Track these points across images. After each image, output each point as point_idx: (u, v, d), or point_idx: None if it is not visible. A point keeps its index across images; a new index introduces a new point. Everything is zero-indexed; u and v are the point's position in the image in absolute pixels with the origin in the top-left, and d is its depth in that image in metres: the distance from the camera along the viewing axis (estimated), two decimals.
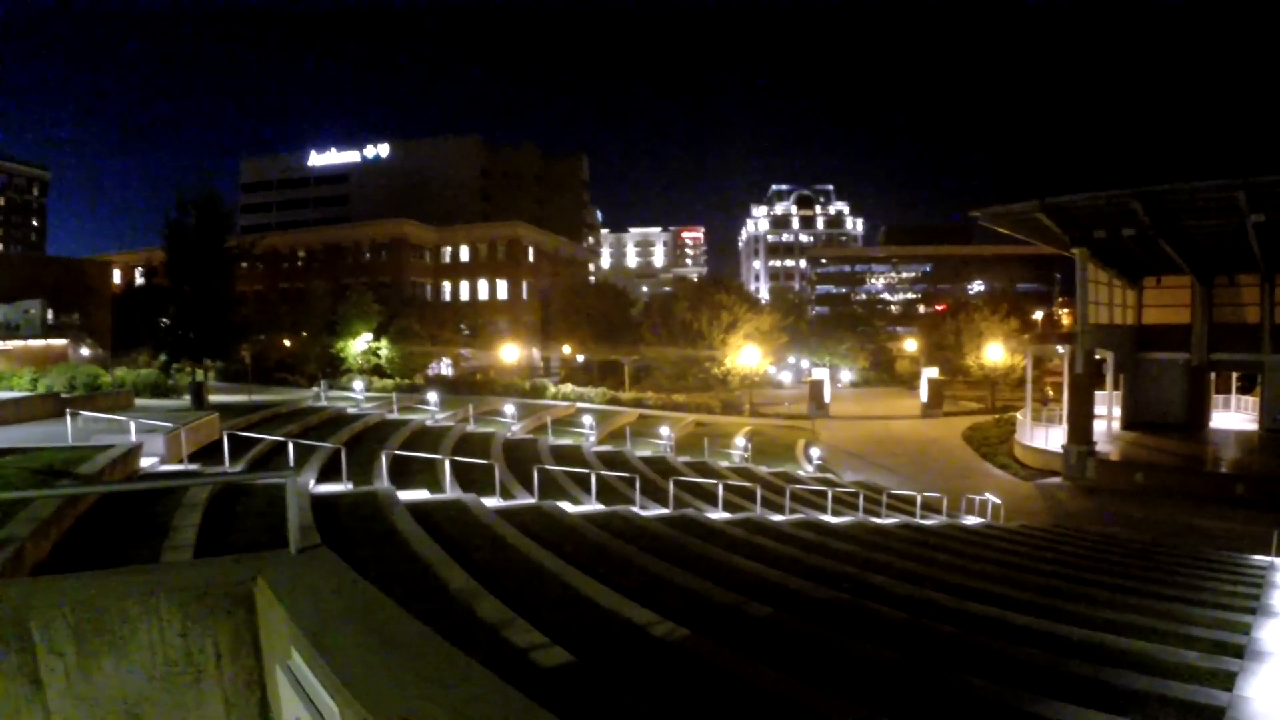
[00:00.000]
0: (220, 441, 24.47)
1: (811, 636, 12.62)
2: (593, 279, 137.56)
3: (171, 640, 5.03)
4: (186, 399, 40.49)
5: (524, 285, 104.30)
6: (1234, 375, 68.31)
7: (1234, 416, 66.23)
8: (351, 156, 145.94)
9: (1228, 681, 12.22)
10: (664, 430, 49.21)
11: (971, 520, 34.78)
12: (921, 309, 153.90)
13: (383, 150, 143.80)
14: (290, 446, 23.13)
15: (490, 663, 9.49)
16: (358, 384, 56.88)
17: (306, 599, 4.92)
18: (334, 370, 71.76)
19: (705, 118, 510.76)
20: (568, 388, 70.01)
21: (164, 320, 42.36)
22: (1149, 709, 10.73)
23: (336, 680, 3.94)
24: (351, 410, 42.79)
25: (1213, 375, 64.03)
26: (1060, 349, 57.50)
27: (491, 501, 21.99)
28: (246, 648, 5.21)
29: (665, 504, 26.60)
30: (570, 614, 12.47)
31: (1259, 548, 29.31)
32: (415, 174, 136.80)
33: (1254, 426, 60.91)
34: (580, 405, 61.79)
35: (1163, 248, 52.72)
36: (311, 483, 21.50)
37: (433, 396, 49.21)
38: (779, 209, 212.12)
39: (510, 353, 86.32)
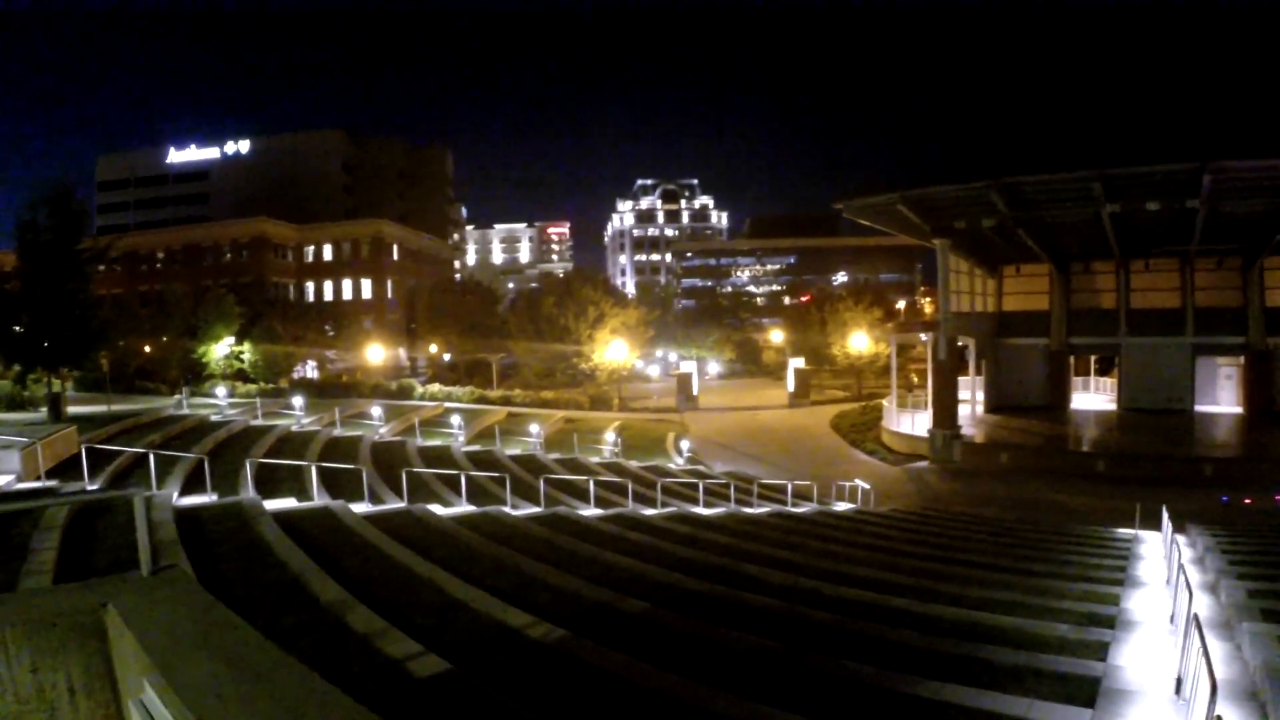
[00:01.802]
0: (79, 455, 23.30)
1: (690, 630, 12.51)
2: (458, 276, 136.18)
3: (22, 676, 4.60)
4: (44, 411, 38.62)
5: (389, 284, 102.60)
6: (1092, 358, 71.01)
7: (1093, 397, 68.86)
8: (212, 153, 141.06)
9: (1100, 651, 12.51)
10: (533, 428, 48.86)
11: (842, 506, 35.20)
12: (787, 300, 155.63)
13: (243, 146, 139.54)
14: (152, 458, 22.12)
15: (365, 675, 9.17)
16: (220, 390, 55.10)
17: (158, 626, 4.53)
18: (196, 376, 69.51)
19: (571, 112, 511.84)
20: (435, 387, 69.22)
21: (16, 328, 40.24)
22: (1026, 682, 10.87)
23: (189, 715, 3.57)
24: (215, 418, 41.47)
25: (1072, 359, 66.55)
26: (923, 337, 58.87)
27: (360, 507, 21.42)
28: (101, 681, 4.78)
29: (537, 502, 26.31)
30: (445, 620, 12.17)
31: (1122, 521, 30.42)
32: (277, 170, 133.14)
33: (1113, 406, 63.73)
34: (448, 405, 61.08)
35: (1022, 237, 54.46)
36: (175, 495, 20.60)
37: (298, 400, 47.96)
38: (644, 203, 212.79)
39: (376, 353, 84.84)
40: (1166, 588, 17.33)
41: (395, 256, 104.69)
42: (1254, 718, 10.26)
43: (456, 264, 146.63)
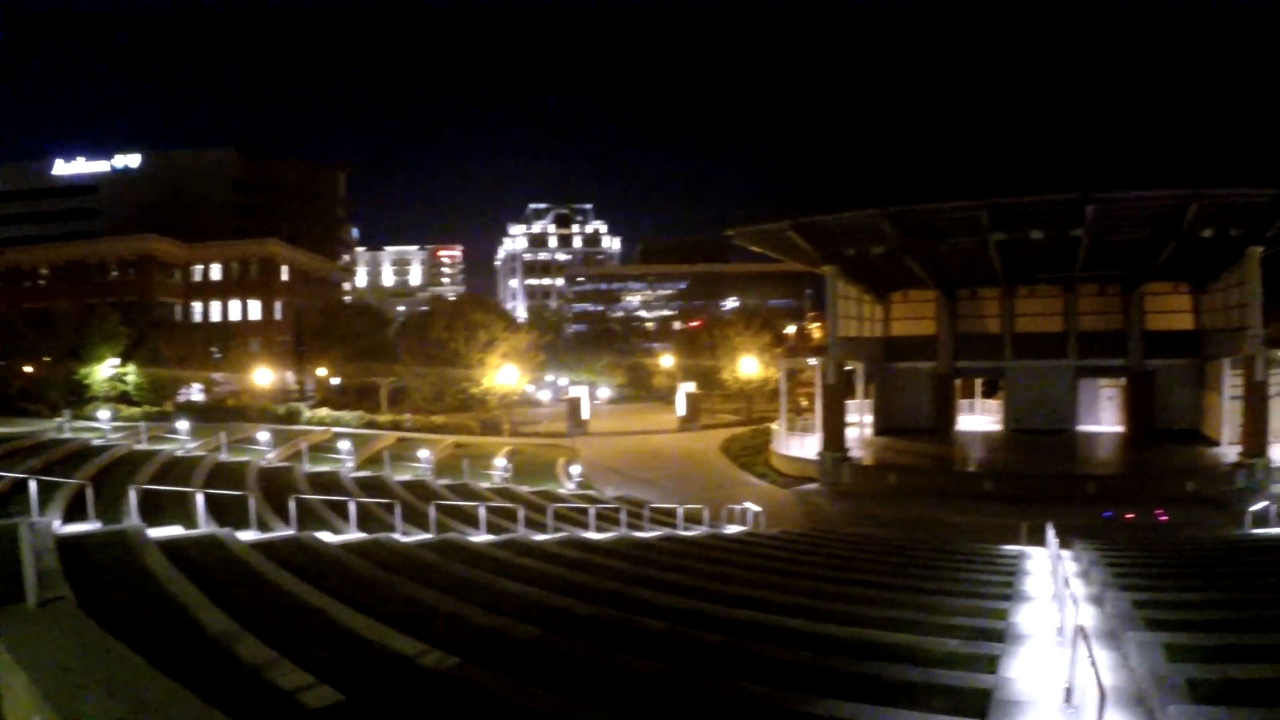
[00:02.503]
0: None
1: (583, 655, 12.42)
2: (348, 298, 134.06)
3: None
4: None
5: (277, 305, 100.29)
6: (978, 381, 72.89)
7: (979, 419, 70.51)
8: (101, 166, 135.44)
9: (991, 665, 12.74)
10: (423, 453, 48.36)
11: (733, 529, 35.36)
12: (678, 325, 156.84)
13: (133, 161, 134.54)
14: (33, 484, 21.25)
15: (256, 708, 8.84)
16: (104, 413, 53.20)
17: (48, 662, 4.29)
18: (79, 398, 67.20)
19: (465, 134, 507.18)
20: (323, 412, 67.88)
21: None
22: (918, 698, 10.97)
23: None
24: (98, 442, 40.00)
25: (958, 381, 68.21)
26: (812, 361, 59.72)
27: (248, 535, 20.84)
28: None
29: (427, 529, 25.95)
30: (336, 650, 11.89)
31: (1008, 538, 31.15)
32: (169, 187, 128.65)
33: (998, 427, 65.51)
34: (336, 430, 60.03)
35: (910, 264, 55.74)
36: (57, 523, 19.78)
37: (183, 425, 46.69)
38: (537, 227, 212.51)
39: (264, 376, 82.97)
40: (1053, 601, 17.69)
41: (285, 277, 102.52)
42: None
43: (346, 286, 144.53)
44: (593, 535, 28.77)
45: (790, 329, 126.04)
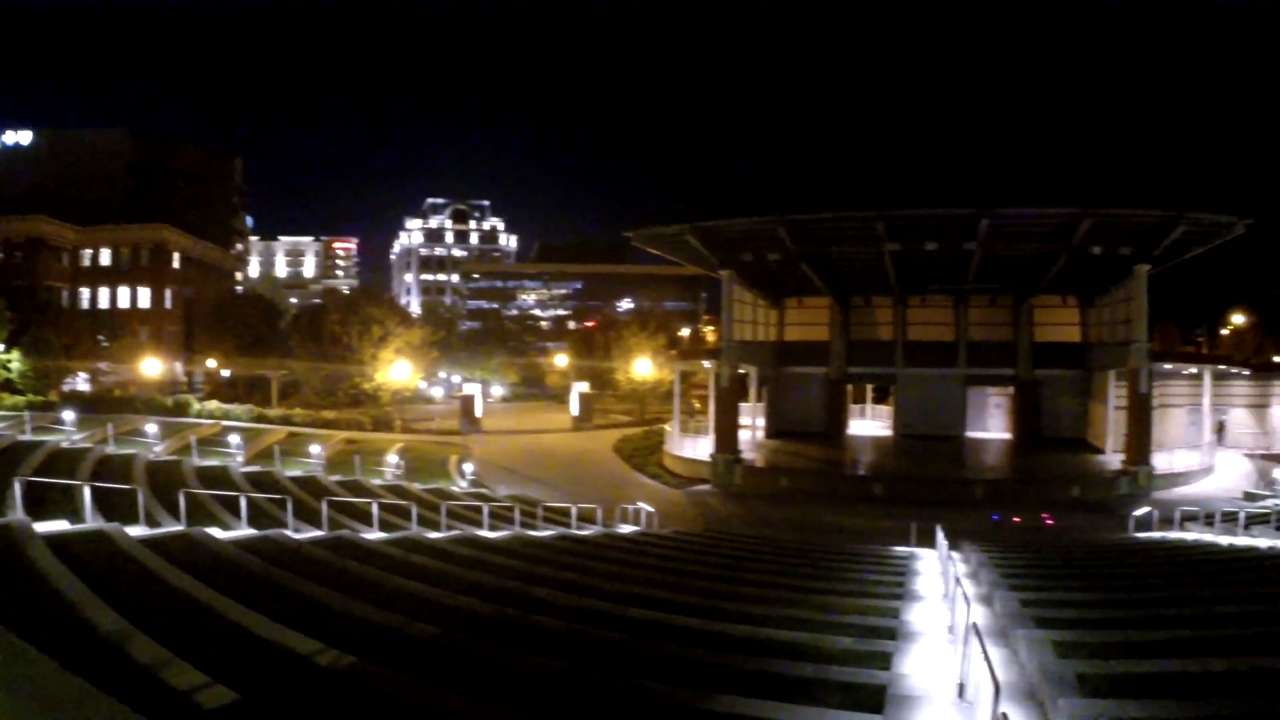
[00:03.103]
0: None
1: (481, 654, 12.37)
2: (240, 289, 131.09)
3: None
4: None
5: (168, 294, 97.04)
6: (869, 387, 74.22)
7: (870, 424, 72.17)
8: None
9: (884, 661, 12.98)
10: (315, 448, 47.62)
11: (627, 529, 35.41)
12: (573, 325, 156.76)
13: (24, 138, 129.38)
14: None
15: (151, 709, 8.60)
16: None
17: None
18: None
19: (363, 125, 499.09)
20: (213, 405, 66.25)
21: None
22: (815, 693, 11.12)
23: None
24: None
25: (850, 387, 69.44)
26: (706, 364, 60.48)
27: (137, 531, 20.22)
28: None
29: (320, 526, 25.50)
30: (230, 649, 11.62)
31: (899, 540, 31.78)
32: (59, 167, 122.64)
33: (889, 433, 66.77)
34: (226, 423, 58.80)
35: (806, 271, 56.58)
36: None
37: (69, 415, 45.54)
38: (434, 222, 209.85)
39: (153, 367, 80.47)
40: (944, 600, 18.11)
41: (176, 265, 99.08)
42: (1033, 715, 10.88)
43: (239, 276, 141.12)
44: (487, 534, 28.60)
45: (685, 332, 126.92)
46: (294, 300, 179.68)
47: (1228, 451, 61.11)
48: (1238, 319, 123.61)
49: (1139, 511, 38.10)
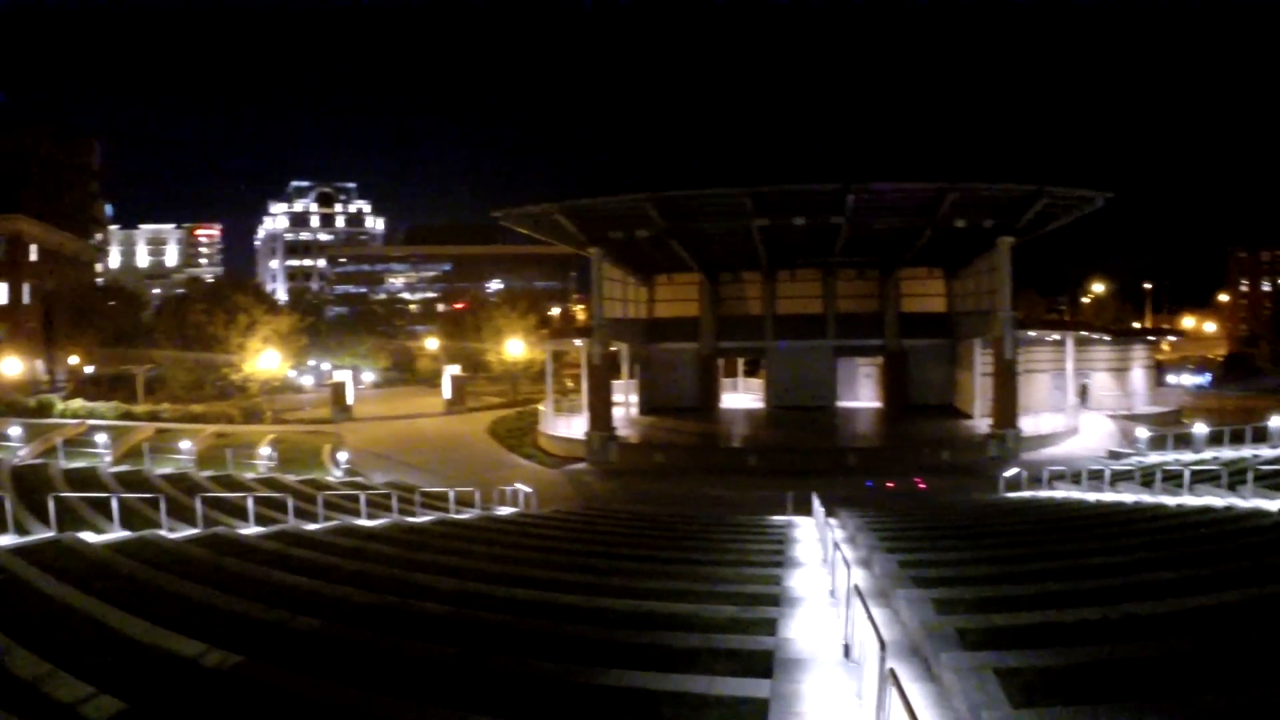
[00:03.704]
0: None
1: (367, 643, 12.26)
2: (101, 281, 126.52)
3: None
4: None
5: (25, 288, 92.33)
6: (740, 361, 75.12)
7: (742, 397, 73.09)
8: None
9: (770, 627, 13.23)
10: (184, 444, 46.41)
11: (505, 510, 35.35)
12: (443, 308, 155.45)
13: None
14: None
15: None
16: None
17: None
18: None
19: (225, 109, 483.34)
20: (78, 403, 63.84)
21: None
22: (703, 662, 11.27)
23: None
24: None
25: (721, 361, 70.16)
26: (578, 342, 60.54)
27: (5, 539, 19.43)
28: None
29: (195, 524, 24.79)
30: (114, 657, 11.27)
31: (777, 510, 32.49)
32: None
33: (761, 405, 67.69)
34: (92, 422, 56.67)
35: (675, 248, 56.88)
36: None
37: None
38: (299, 206, 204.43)
39: (12, 366, 77.18)
40: (823, 566, 18.50)
41: (34, 257, 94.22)
42: (918, 670, 11.21)
43: (99, 267, 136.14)
44: (365, 522, 28.22)
45: (556, 311, 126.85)
46: (157, 291, 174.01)
47: (1091, 413, 63.63)
48: (1098, 287, 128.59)
49: (1008, 473, 39.54)
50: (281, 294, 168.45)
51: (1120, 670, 9.98)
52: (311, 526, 26.07)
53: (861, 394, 69.36)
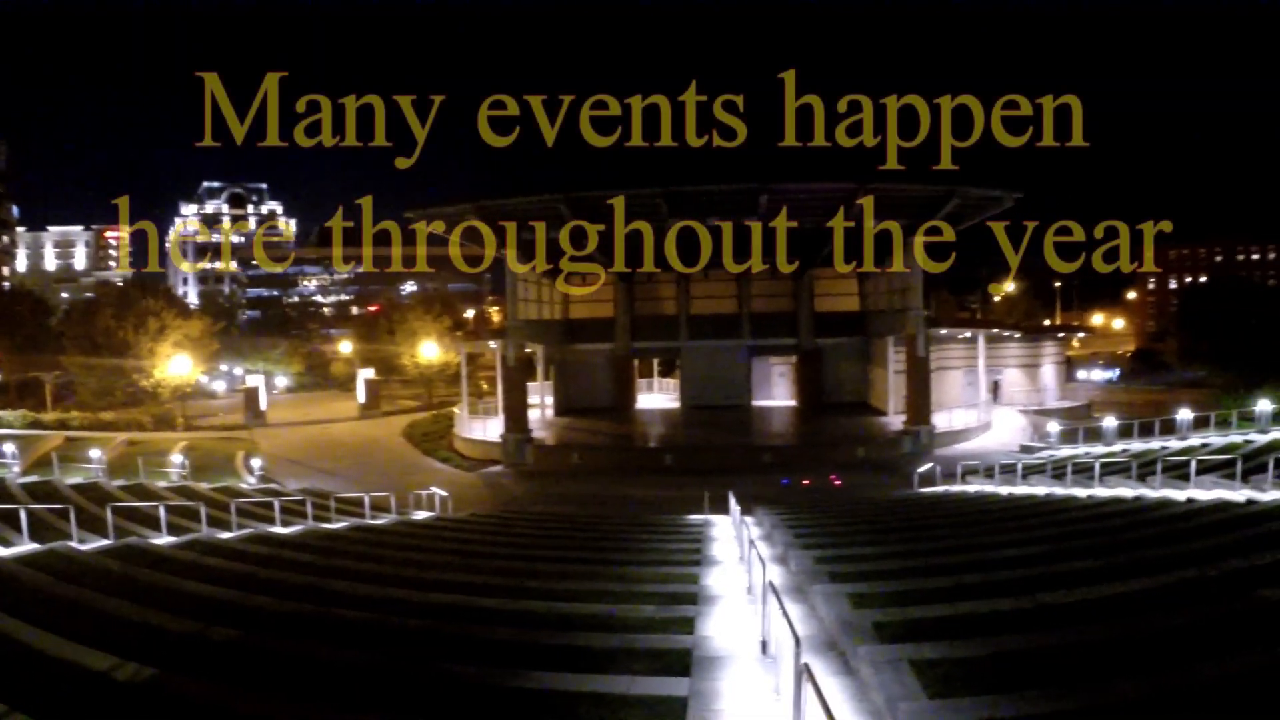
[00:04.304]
0: None
1: (285, 652, 12.10)
2: (7, 284, 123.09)
3: None
4: None
5: None
6: (655, 361, 75.38)
7: (658, 397, 73.57)
8: None
9: (688, 626, 13.30)
10: (95, 453, 45.18)
11: (422, 515, 35.07)
12: (357, 310, 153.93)
13: None
14: None
15: None
16: None
17: None
18: None
19: (133, 107, 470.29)
20: None
21: None
22: (623, 662, 11.29)
23: None
24: None
25: (636, 362, 70.39)
26: (493, 344, 60.49)
27: None
28: None
29: (106, 534, 24.20)
30: (24, 672, 11.04)
31: (693, 508, 32.64)
32: None
33: (676, 404, 67.87)
34: None
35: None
36: None
37: None
38: (210, 207, 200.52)
39: None
40: (740, 564, 18.58)
41: None
42: (835, 664, 11.30)
43: (5, 270, 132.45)
44: (280, 530, 27.85)
45: (470, 312, 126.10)
46: (65, 295, 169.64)
47: (1003, 409, 65.11)
48: (1009, 286, 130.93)
49: (923, 468, 40.15)
50: (193, 297, 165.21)
51: (1035, 659, 10.20)
52: (225, 535, 25.66)
53: (777, 393, 70.06)
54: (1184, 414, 48.18)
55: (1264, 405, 46.90)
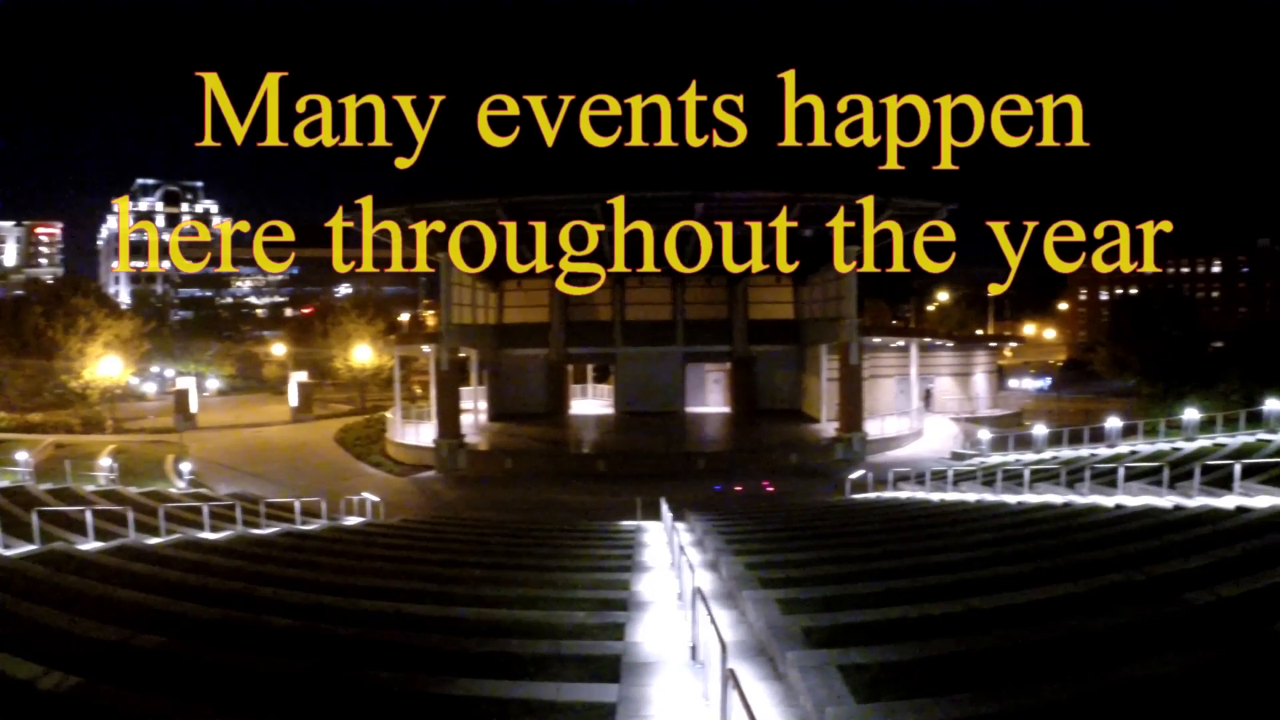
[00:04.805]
0: None
1: (212, 660, 11.88)
2: None
3: None
4: None
5: None
6: (590, 366, 75.40)
7: (592, 403, 73.42)
8: None
9: (617, 632, 13.27)
10: (21, 455, 44.31)
11: (353, 520, 34.74)
12: (290, 312, 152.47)
13: None
14: None
15: None
16: None
17: None
18: None
19: (67, 101, 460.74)
20: None
21: None
22: (552, 669, 11.25)
23: None
24: None
25: (570, 367, 70.40)
26: (426, 348, 60.23)
27: None
28: None
29: (31, 539, 23.69)
30: None
31: (625, 514, 32.54)
32: None
33: (610, 410, 67.89)
34: None
35: (524, 252, 56.40)
36: None
37: None
38: (144, 205, 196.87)
39: None
40: (672, 570, 18.57)
41: None
42: (765, 669, 11.32)
43: None
44: (209, 535, 27.41)
45: (405, 316, 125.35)
46: None
47: (935, 416, 65.83)
48: (943, 295, 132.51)
49: (854, 475, 40.59)
50: (125, 297, 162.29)
51: (964, 662, 10.28)
52: (153, 540, 25.19)
53: (710, 399, 70.22)
54: (1113, 422, 48.94)
55: (1190, 414, 47.90)
